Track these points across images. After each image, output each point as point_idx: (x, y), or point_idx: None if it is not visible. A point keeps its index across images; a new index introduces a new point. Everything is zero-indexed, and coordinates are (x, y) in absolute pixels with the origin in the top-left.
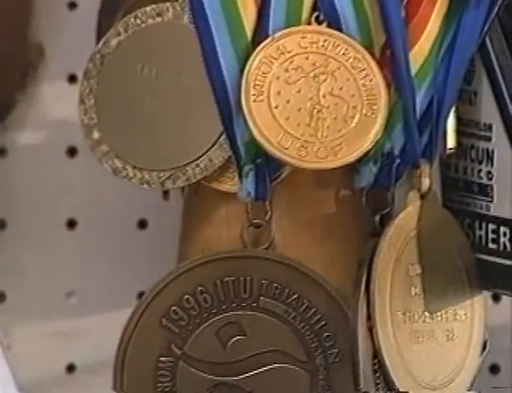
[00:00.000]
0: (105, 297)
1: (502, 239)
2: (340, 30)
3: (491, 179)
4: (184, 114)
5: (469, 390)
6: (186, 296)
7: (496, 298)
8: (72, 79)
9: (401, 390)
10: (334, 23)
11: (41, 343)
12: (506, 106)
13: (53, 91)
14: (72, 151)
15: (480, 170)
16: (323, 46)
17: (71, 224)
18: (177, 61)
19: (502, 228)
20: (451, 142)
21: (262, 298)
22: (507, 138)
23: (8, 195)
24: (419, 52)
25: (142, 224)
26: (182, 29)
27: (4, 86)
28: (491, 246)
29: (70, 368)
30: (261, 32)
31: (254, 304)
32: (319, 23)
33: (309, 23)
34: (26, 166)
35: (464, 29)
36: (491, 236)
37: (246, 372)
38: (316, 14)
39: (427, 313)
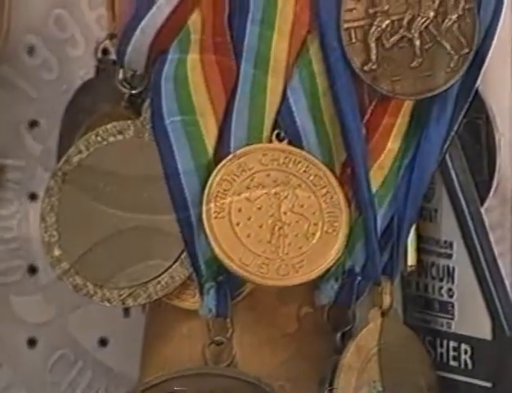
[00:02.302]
0: None
1: (463, 356)
2: (301, 147)
3: (451, 296)
4: (145, 231)
5: None
6: None
7: None
8: (33, 197)
9: None
10: (295, 140)
11: None
12: (467, 223)
13: (14, 209)
14: (32, 270)
15: (441, 287)
16: (284, 163)
17: (31, 343)
18: (139, 178)
19: (463, 346)
20: (411, 259)
21: None
22: (468, 255)
23: None
24: (380, 170)
25: (103, 342)
26: (144, 147)
27: None
28: (453, 363)
29: None
30: (222, 149)
31: None
32: (280, 140)
33: (270, 140)
34: None
35: (425, 147)
36: (452, 353)
37: None
38: (277, 131)
39: None
